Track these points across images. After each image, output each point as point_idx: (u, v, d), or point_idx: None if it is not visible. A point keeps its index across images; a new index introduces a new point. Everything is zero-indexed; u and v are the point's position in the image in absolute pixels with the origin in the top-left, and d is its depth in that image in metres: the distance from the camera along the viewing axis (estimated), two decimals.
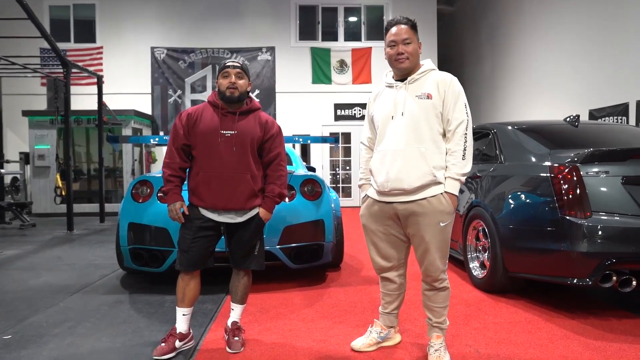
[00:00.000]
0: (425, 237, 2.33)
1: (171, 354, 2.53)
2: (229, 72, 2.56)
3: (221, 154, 2.54)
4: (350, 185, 12.23)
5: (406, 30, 2.33)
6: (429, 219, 2.30)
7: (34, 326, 3.05)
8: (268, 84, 11.94)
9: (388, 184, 2.32)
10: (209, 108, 2.62)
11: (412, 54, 2.34)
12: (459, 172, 2.28)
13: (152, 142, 5.04)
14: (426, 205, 2.29)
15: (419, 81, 2.36)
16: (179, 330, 2.60)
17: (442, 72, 2.41)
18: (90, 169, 10.83)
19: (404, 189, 2.29)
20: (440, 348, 2.42)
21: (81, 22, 11.99)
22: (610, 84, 7.46)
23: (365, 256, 5.27)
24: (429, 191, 2.29)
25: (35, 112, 9.99)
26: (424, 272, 2.42)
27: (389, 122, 2.36)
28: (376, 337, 2.64)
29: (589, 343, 2.70)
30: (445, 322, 2.47)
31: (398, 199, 2.34)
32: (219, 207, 2.55)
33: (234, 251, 2.68)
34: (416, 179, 2.27)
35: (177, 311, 2.63)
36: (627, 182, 3.04)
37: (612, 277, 2.94)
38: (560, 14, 8.86)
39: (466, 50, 13.63)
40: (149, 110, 11.65)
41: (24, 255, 5.54)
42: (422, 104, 2.30)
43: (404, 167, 2.28)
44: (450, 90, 2.30)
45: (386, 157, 2.35)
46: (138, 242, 3.80)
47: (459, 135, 2.28)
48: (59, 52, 7.49)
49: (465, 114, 2.31)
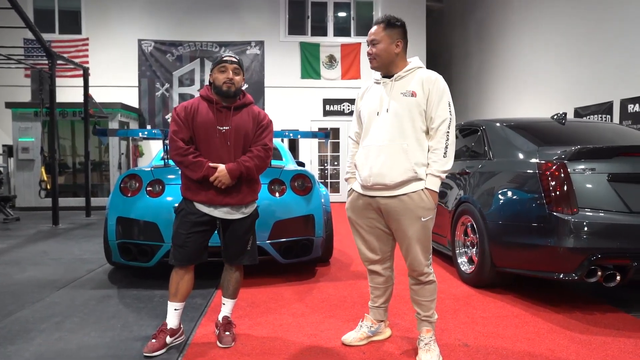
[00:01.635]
0: (408, 232, 2.36)
1: (162, 350, 2.51)
2: (227, 67, 2.54)
3: (217, 148, 2.54)
4: (339, 180, 12.25)
5: (376, 30, 2.38)
6: (411, 214, 2.33)
7: (20, 321, 3.01)
8: (257, 79, 11.87)
9: (371, 178, 2.37)
10: (204, 103, 2.60)
11: (379, 54, 2.37)
12: (440, 169, 2.32)
13: (140, 135, 4.97)
14: (407, 200, 2.33)
15: (405, 79, 2.39)
16: (170, 326, 2.58)
17: (428, 70, 2.43)
18: (76, 163, 10.68)
19: (386, 184, 2.34)
20: (430, 342, 2.45)
21: (66, 12, 11.77)
22: (595, 83, 7.57)
23: (354, 251, 5.29)
24: (410, 187, 2.33)
25: (19, 104, 9.81)
26: (409, 266, 2.45)
27: (374, 118, 2.40)
28: (367, 331, 2.66)
29: (575, 336, 2.76)
30: (433, 316, 2.49)
31: (380, 193, 2.38)
32: (215, 202, 2.54)
33: (228, 246, 2.67)
34: (398, 175, 2.31)
35: (169, 305, 2.61)
36: (613, 179, 3.09)
37: (597, 272, 3.00)
38: (547, 13, 8.96)
39: (454, 47, 13.70)
40: (135, 104, 11.51)
41: (8, 250, 5.45)
42: (406, 102, 2.33)
43: (386, 162, 2.32)
44: (434, 89, 2.33)
45: (370, 152, 2.39)
46: (127, 236, 3.76)
47: (441, 133, 2.32)
48: (43, 43, 7.35)
49: (448, 112, 2.33)
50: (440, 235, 4.55)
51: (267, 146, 2.63)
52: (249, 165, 2.53)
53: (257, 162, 2.57)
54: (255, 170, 2.57)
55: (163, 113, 11.70)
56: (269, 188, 3.93)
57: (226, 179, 2.49)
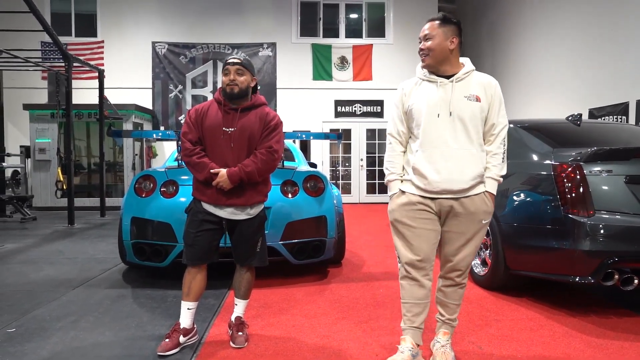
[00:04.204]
0: (466, 233, 2.34)
1: (175, 350, 2.54)
2: (229, 69, 2.61)
3: (222, 150, 2.59)
4: (350, 182, 12.23)
5: (430, 26, 2.33)
6: (473, 216, 2.32)
7: (37, 320, 3.06)
8: (269, 80, 11.92)
9: (439, 184, 2.27)
10: (215, 105, 2.68)
11: (433, 49, 2.29)
12: (500, 173, 2.35)
13: (154, 137, 5.02)
14: (471, 203, 2.31)
15: (465, 81, 2.32)
16: (183, 325, 2.61)
17: (484, 74, 2.40)
18: (91, 163, 10.82)
19: (454, 190, 2.28)
20: (447, 344, 2.42)
21: (82, 16, 11.95)
22: (610, 83, 7.46)
23: (366, 252, 5.28)
24: (475, 190, 2.31)
25: (36, 106, 9.97)
26: (452, 267, 2.39)
27: (434, 120, 2.29)
28: (410, 355, 2.35)
29: (591, 341, 2.72)
30: (456, 320, 2.47)
31: (443, 196, 2.30)
32: (221, 203, 2.58)
33: (236, 248, 2.70)
34: (468, 180, 2.28)
35: (182, 305, 2.63)
36: (630, 181, 3.05)
37: (614, 275, 2.95)
38: (560, 13, 8.86)
39: (466, 48, 13.60)
40: (149, 105, 11.63)
41: (25, 249, 5.54)
42: (471, 106, 2.28)
43: (456, 168, 2.26)
44: (496, 95, 2.34)
45: (433, 156, 2.28)
46: (141, 236, 3.80)
47: (501, 138, 2.35)
48: (60, 46, 7.47)
49: (506, 119, 2.38)
50: None
51: (272, 148, 2.60)
52: (249, 170, 2.54)
53: (260, 166, 2.56)
54: (258, 174, 2.56)
55: (176, 114, 11.81)
56: (281, 189, 3.94)
57: (226, 184, 2.52)
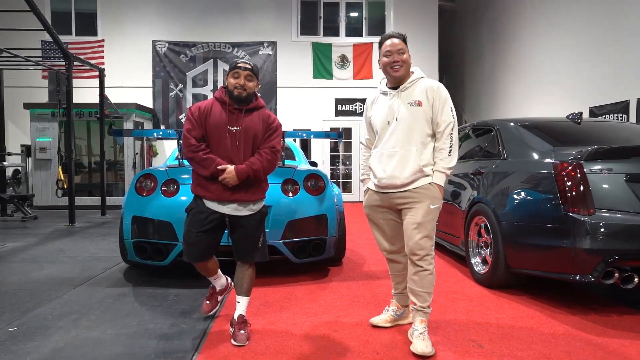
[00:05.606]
0: (416, 217, 2.60)
1: (216, 308, 3.11)
2: (240, 73, 2.66)
3: (227, 148, 2.66)
4: (351, 180, 12.24)
5: (400, 42, 2.66)
6: (420, 202, 2.60)
7: (38, 318, 3.07)
8: (269, 79, 11.92)
9: (384, 180, 2.67)
10: (217, 104, 2.72)
11: (406, 61, 2.66)
12: (445, 166, 2.62)
13: (155, 135, 5.02)
14: (418, 191, 2.61)
15: (409, 89, 2.67)
16: (218, 289, 3.09)
17: (429, 79, 2.72)
18: (92, 162, 10.84)
19: (397, 184, 2.64)
20: (424, 332, 2.58)
21: (83, 14, 11.96)
22: (610, 82, 7.46)
23: (366, 251, 5.29)
24: (418, 182, 2.62)
25: (37, 105, 9.98)
26: (411, 250, 2.62)
27: (386, 127, 2.69)
28: (393, 315, 2.93)
29: (591, 339, 2.72)
30: (428, 308, 2.64)
31: (393, 190, 2.67)
32: (224, 198, 2.64)
33: (239, 244, 2.74)
34: (408, 176, 2.61)
35: (210, 279, 3.07)
36: (631, 179, 3.05)
37: (614, 274, 2.96)
38: (561, 11, 8.85)
39: (467, 47, 13.60)
40: (150, 104, 11.64)
41: (26, 248, 5.55)
42: (413, 111, 2.62)
43: (397, 166, 2.62)
44: (437, 97, 2.62)
45: (382, 157, 2.69)
46: (142, 235, 3.81)
47: (445, 135, 2.62)
48: (61, 45, 7.47)
49: (451, 117, 2.63)
50: (453, 236, 4.53)
51: (275, 148, 2.74)
52: (256, 168, 2.65)
53: (265, 165, 2.69)
54: (263, 172, 2.69)
55: (177, 113, 11.82)
56: (282, 188, 3.94)
57: (233, 180, 2.60)
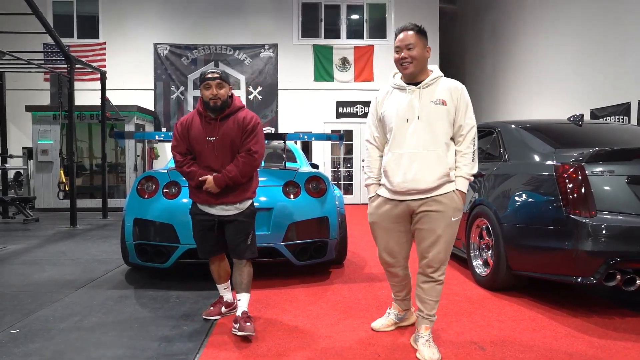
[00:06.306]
0: (437, 230, 2.45)
1: (217, 316, 3.09)
2: (210, 83, 2.78)
3: (207, 157, 2.85)
4: (352, 182, 12.23)
5: (411, 35, 2.45)
6: (443, 213, 2.44)
7: (40, 320, 3.07)
8: (270, 81, 11.94)
9: (405, 184, 2.45)
10: (197, 116, 2.88)
11: (416, 58, 2.44)
12: (470, 172, 2.48)
13: (156, 138, 5.04)
14: (441, 201, 2.44)
15: (431, 87, 2.48)
16: (226, 299, 3.15)
17: (451, 79, 2.55)
18: (93, 165, 10.85)
19: (421, 189, 2.43)
20: (430, 339, 2.55)
21: (84, 17, 11.98)
22: (612, 84, 7.46)
23: (367, 253, 5.28)
24: (443, 189, 2.44)
25: (39, 108, 9.99)
26: (427, 263, 2.52)
27: (404, 125, 2.46)
28: (394, 318, 2.91)
29: (593, 341, 2.72)
30: (434, 316, 2.59)
31: (412, 197, 2.47)
32: (211, 202, 2.86)
33: (231, 242, 2.90)
34: (433, 180, 2.42)
35: (218, 287, 3.18)
36: (632, 181, 3.05)
37: (616, 275, 2.95)
38: (562, 13, 8.86)
39: (468, 49, 13.61)
40: (151, 107, 11.65)
41: (27, 250, 5.56)
42: (437, 110, 2.44)
43: (421, 169, 2.42)
44: (462, 99, 2.47)
45: (402, 158, 2.46)
46: (143, 237, 3.81)
47: (469, 139, 2.47)
48: (63, 48, 7.49)
49: (474, 120, 2.51)
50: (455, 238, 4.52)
51: (252, 150, 2.82)
52: (232, 175, 2.78)
53: (242, 168, 2.79)
54: (241, 176, 2.80)
55: (178, 116, 11.82)
56: (283, 190, 3.95)
57: (213, 189, 2.79)
